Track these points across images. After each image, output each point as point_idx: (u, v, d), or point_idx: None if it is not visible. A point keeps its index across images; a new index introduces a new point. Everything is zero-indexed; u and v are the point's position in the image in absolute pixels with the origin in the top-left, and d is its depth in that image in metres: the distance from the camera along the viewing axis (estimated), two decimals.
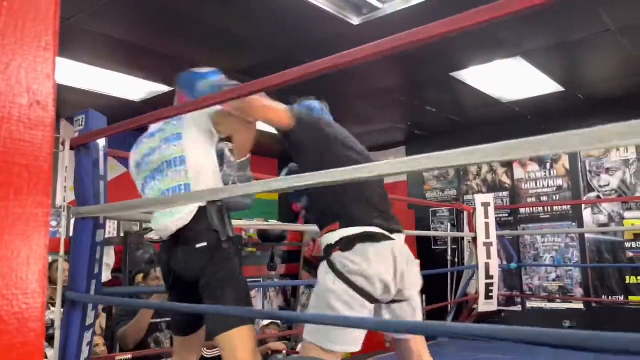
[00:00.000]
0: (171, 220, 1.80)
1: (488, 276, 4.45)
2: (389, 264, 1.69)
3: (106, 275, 4.02)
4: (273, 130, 1.94)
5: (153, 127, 1.99)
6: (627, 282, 4.90)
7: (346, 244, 1.69)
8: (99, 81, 4.07)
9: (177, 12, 3.05)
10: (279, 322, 4.61)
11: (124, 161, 5.32)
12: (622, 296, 4.91)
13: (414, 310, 1.82)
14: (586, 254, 5.19)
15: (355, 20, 3.23)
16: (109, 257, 4.22)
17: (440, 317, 5.20)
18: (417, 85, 4.59)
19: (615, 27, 3.44)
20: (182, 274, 1.80)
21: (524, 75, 4.26)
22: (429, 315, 5.65)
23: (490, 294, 4.50)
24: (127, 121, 1.74)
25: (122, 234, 4.75)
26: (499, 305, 4.80)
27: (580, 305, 5.15)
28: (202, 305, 1.72)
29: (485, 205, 4.60)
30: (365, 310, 1.64)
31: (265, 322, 4.44)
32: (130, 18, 3.14)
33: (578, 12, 3.24)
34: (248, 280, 1.88)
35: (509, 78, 4.33)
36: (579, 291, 5.20)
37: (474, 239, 4.63)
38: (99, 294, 2.02)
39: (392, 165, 0.93)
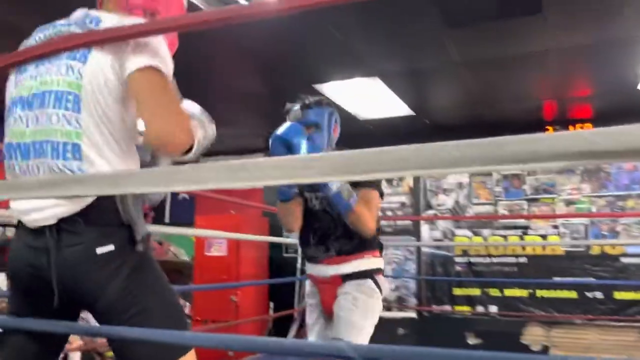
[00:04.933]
0: (51, 202, 1.16)
1: None
2: None
3: None
4: None
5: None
6: (454, 293, 5.42)
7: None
8: None
9: None
10: None
11: None
12: (449, 306, 5.40)
13: None
14: (421, 266, 5.63)
15: None
16: None
17: (286, 324, 5.25)
18: (280, 93, 4.60)
19: (459, 61, 3.80)
20: (64, 289, 1.17)
21: (380, 96, 4.50)
22: (275, 322, 5.68)
23: None
24: None
25: None
26: None
27: (414, 314, 5.56)
28: (129, 329, 1.15)
29: None
30: None
31: None
32: None
33: (428, 42, 3.51)
34: None
35: (367, 96, 4.55)
36: (413, 301, 5.61)
37: None
38: None
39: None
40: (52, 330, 1.24)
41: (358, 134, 5.62)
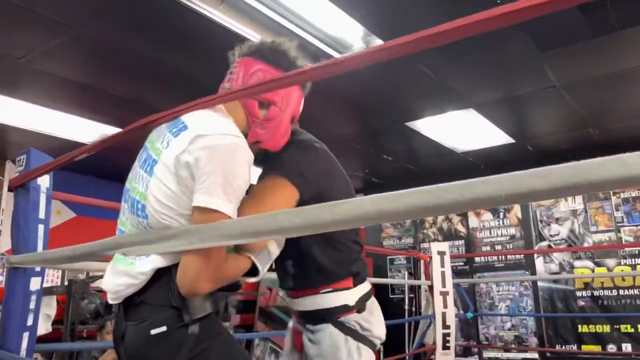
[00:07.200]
0: (120, 280, 1.21)
1: (445, 326, 4.41)
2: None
3: (46, 327, 3.76)
4: None
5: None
6: (580, 330, 4.96)
7: (362, 304, 1.49)
8: (51, 123, 3.94)
9: (134, 54, 3.01)
10: None
11: (73, 205, 5.13)
12: (575, 345, 4.95)
13: None
14: (539, 302, 5.25)
15: None
16: (50, 308, 3.96)
17: None
18: (374, 134, 4.66)
19: (560, 84, 3.62)
20: None
21: (476, 127, 4.39)
22: None
23: (448, 345, 4.44)
24: (68, 154, 1.51)
25: (66, 283, 4.50)
26: (456, 355, 4.74)
27: (535, 355, 5.16)
28: None
29: (441, 253, 4.61)
30: None
31: None
32: (83, 59, 3.08)
33: (525, 68, 3.40)
34: None
35: (462, 129, 4.45)
36: (533, 340, 5.21)
37: (431, 288, 4.61)
38: (31, 348, 1.85)
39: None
40: None
41: (458, 167, 5.49)
